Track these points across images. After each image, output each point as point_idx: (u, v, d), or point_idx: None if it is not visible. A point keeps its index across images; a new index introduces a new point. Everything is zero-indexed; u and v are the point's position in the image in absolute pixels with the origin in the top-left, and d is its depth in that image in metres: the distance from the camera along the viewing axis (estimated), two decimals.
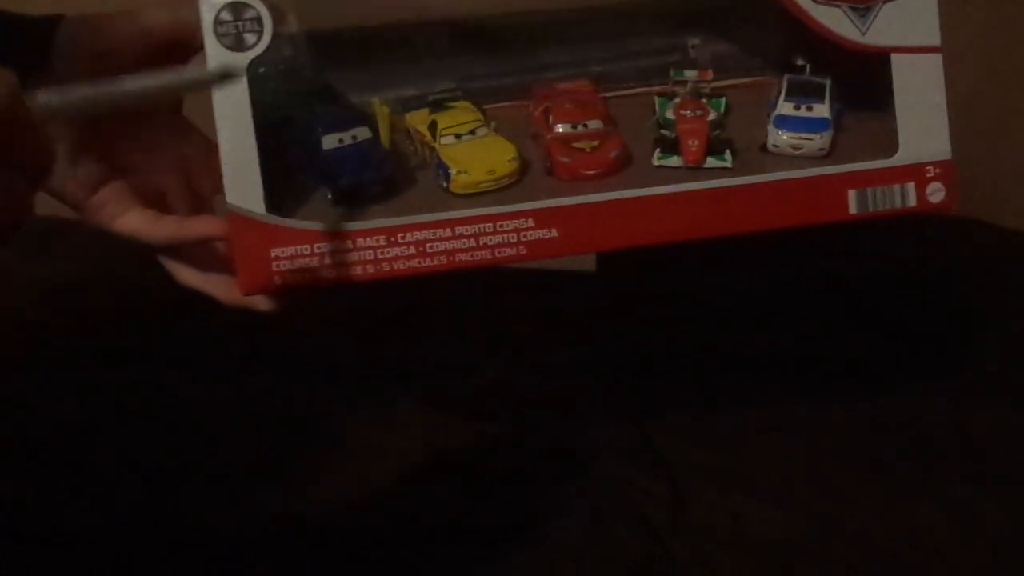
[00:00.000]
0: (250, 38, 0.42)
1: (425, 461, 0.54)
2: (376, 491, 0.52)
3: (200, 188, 0.48)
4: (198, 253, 0.46)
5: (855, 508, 0.51)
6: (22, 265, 0.65)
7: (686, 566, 0.48)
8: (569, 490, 0.52)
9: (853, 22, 0.46)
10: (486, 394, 0.60)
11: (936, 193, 0.46)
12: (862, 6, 0.46)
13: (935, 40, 0.46)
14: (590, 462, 0.54)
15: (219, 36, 0.42)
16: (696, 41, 0.51)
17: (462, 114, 0.47)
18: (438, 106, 0.48)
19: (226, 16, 0.42)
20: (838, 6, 0.46)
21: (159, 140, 0.47)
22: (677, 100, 0.49)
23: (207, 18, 0.42)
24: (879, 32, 0.46)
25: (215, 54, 0.42)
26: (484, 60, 0.49)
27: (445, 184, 0.46)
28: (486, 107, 0.49)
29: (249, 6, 0.42)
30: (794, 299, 0.64)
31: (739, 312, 0.63)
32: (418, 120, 0.48)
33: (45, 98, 0.31)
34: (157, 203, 0.47)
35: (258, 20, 0.42)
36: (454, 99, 0.49)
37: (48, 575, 0.47)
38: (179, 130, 0.48)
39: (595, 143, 0.47)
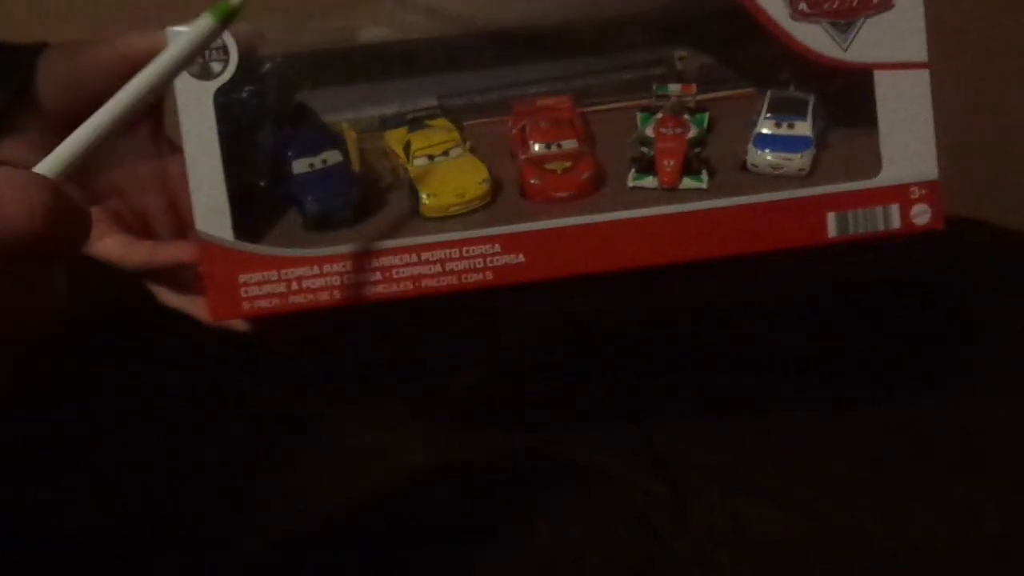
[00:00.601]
0: (216, 67, 0.43)
1: (424, 461, 0.54)
2: (375, 491, 0.52)
3: (184, 208, 0.48)
4: (177, 274, 0.46)
5: (855, 508, 0.50)
6: None
7: (686, 566, 0.48)
8: (569, 490, 0.52)
9: (833, 38, 0.44)
10: (486, 394, 0.60)
11: (921, 215, 0.45)
12: (843, 21, 0.44)
13: (922, 56, 0.44)
14: (590, 462, 0.54)
15: None
16: (683, 53, 0.49)
17: (436, 134, 0.47)
18: (416, 124, 0.48)
19: None
20: (817, 21, 0.44)
21: (140, 160, 0.47)
22: (659, 116, 0.48)
23: None
24: (862, 48, 0.44)
25: (181, 83, 0.42)
26: (467, 76, 0.49)
27: (416, 207, 0.45)
28: (469, 123, 0.49)
29: None
30: (793, 299, 0.63)
31: (739, 312, 0.63)
32: (395, 139, 0.48)
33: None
34: (139, 225, 0.47)
35: (224, 49, 0.42)
36: (433, 117, 0.48)
37: (48, 575, 0.48)
38: (161, 149, 0.48)
39: (567, 164, 0.46)
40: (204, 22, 0.33)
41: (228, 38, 0.42)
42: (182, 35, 0.34)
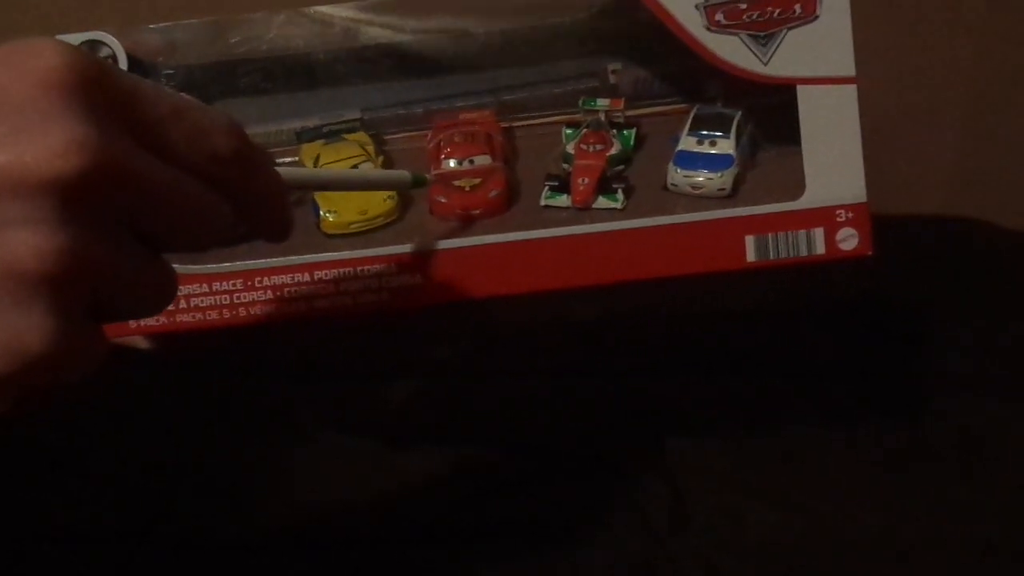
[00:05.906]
0: None
1: (424, 461, 0.53)
2: (375, 491, 0.52)
3: None
4: None
5: (855, 508, 0.49)
6: None
7: (686, 567, 0.47)
8: (569, 490, 0.51)
9: (753, 51, 0.42)
10: (485, 394, 0.59)
11: (848, 239, 0.42)
12: (763, 33, 0.41)
13: (849, 70, 0.41)
14: (590, 462, 0.53)
15: None
16: (617, 66, 0.47)
17: (347, 148, 0.46)
18: (333, 137, 0.47)
19: None
20: (735, 34, 0.42)
21: None
22: (583, 131, 0.46)
23: None
24: (784, 62, 0.42)
25: None
26: (393, 87, 0.47)
27: (317, 224, 0.44)
28: (393, 136, 0.47)
29: (104, 44, 0.41)
30: (793, 299, 0.61)
31: (738, 312, 0.61)
32: (308, 153, 0.46)
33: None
34: None
35: (113, 59, 0.42)
36: (353, 130, 0.47)
37: (48, 575, 0.48)
38: None
39: (476, 181, 0.44)
40: (404, 174, 0.43)
41: (120, 50, 0.42)
42: (389, 172, 0.45)
